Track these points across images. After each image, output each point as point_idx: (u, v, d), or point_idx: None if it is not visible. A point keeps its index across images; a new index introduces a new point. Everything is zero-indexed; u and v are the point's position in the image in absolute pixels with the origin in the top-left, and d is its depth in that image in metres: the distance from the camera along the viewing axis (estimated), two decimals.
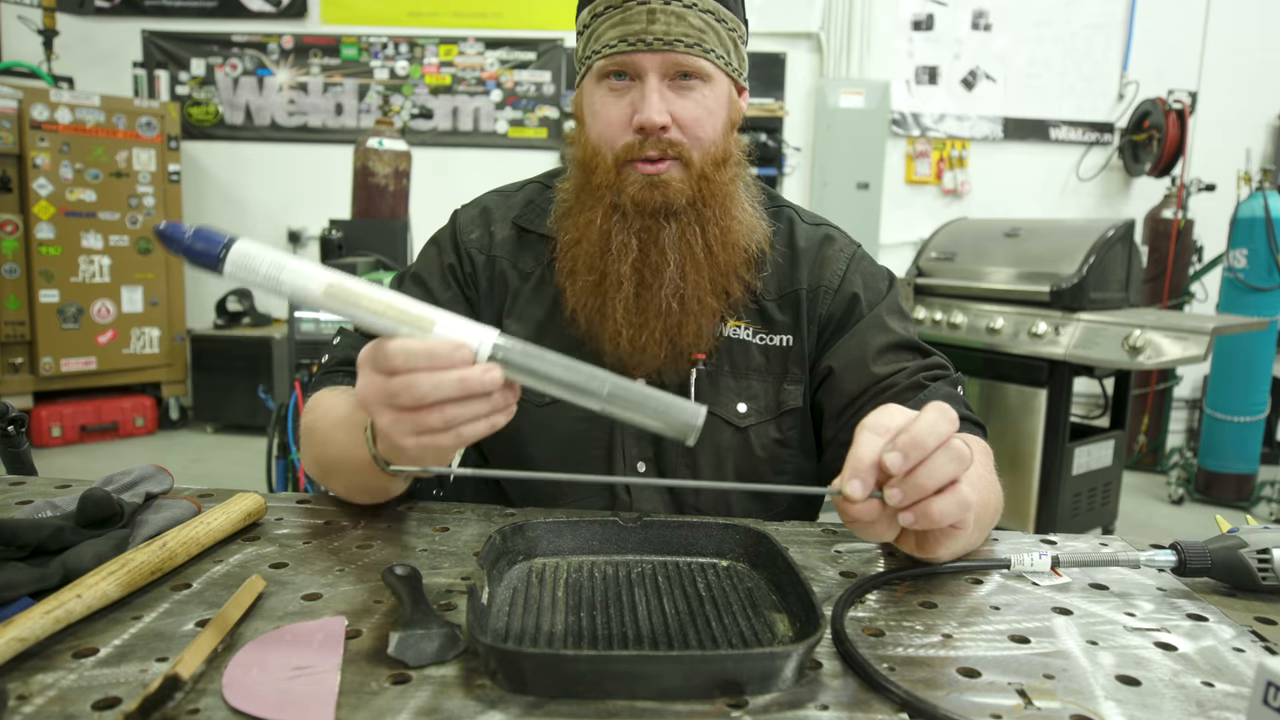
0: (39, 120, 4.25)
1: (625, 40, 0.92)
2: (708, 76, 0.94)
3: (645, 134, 0.93)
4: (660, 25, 0.91)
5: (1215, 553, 0.74)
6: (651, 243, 0.96)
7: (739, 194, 1.01)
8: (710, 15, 0.93)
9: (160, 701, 0.50)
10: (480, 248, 1.08)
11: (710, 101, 0.95)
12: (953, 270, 3.48)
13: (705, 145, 0.96)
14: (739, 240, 0.99)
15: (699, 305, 0.98)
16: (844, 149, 4.87)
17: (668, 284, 0.96)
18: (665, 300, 0.96)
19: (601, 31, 0.94)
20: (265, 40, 5.25)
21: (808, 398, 1.05)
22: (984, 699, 0.55)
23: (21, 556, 0.67)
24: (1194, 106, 5.06)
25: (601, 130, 0.96)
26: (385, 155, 3.86)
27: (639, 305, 0.97)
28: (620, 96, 0.95)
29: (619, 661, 0.55)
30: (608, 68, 0.94)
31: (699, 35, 0.92)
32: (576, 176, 1.01)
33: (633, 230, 0.96)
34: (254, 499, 0.84)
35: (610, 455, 1.03)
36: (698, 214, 0.97)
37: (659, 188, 0.94)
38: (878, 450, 0.64)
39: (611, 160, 0.96)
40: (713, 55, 0.94)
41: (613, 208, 0.97)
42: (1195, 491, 4.20)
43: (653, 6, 0.91)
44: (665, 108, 0.92)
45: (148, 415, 4.73)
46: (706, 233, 0.97)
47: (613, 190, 0.96)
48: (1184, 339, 2.70)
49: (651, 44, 0.91)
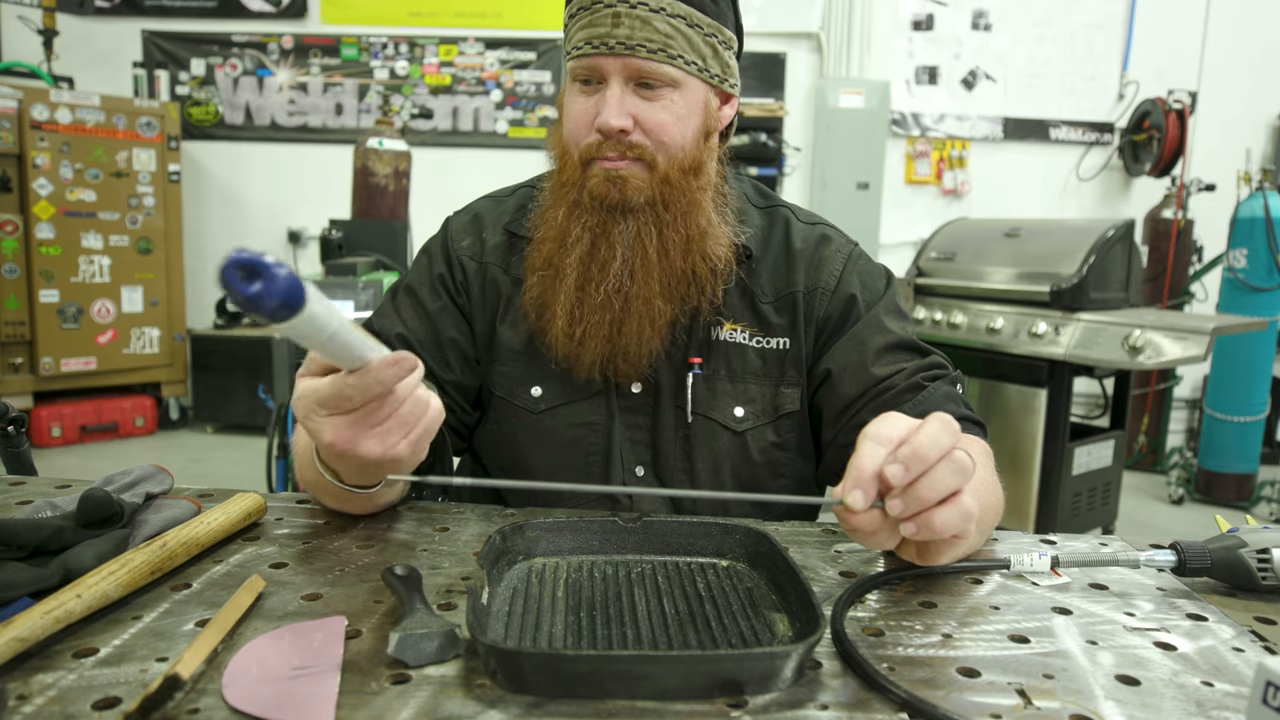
0: (39, 120, 4.26)
1: (590, 43, 0.93)
2: (675, 82, 0.94)
3: (605, 136, 0.94)
4: (624, 29, 0.91)
5: (1215, 553, 0.74)
6: (603, 237, 0.97)
7: (706, 203, 1.00)
8: (681, 20, 0.92)
9: (160, 701, 0.50)
10: (472, 255, 1.08)
11: (678, 108, 0.95)
12: (953, 270, 3.48)
13: (671, 150, 0.95)
14: (704, 249, 0.99)
15: (644, 305, 0.97)
16: (844, 149, 4.87)
17: (611, 279, 0.96)
18: (605, 295, 0.96)
19: (574, 33, 0.95)
20: (265, 40, 5.25)
21: (805, 400, 1.05)
22: (984, 699, 0.55)
23: (21, 556, 0.67)
24: (1194, 106, 5.06)
25: (569, 129, 0.98)
26: (385, 155, 3.87)
27: (580, 298, 0.97)
28: (588, 98, 0.96)
29: (619, 661, 0.55)
30: (576, 70, 0.96)
31: (664, 40, 0.92)
32: (552, 175, 1.03)
33: (588, 224, 0.97)
34: (254, 499, 0.84)
35: (608, 460, 1.03)
36: (656, 215, 0.97)
37: (617, 183, 0.95)
38: (879, 461, 0.63)
39: (577, 158, 0.97)
40: (680, 61, 0.93)
41: (574, 204, 0.98)
42: (1195, 491, 4.20)
43: (617, 10, 0.91)
44: (625, 111, 0.93)
45: (148, 415, 4.73)
46: (663, 235, 0.97)
47: (576, 187, 0.97)
48: (1184, 339, 2.70)
49: (614, 48, 0.91)
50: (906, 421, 0.67)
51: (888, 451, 0.64)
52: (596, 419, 1.03)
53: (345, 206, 4.10)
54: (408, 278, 1.10)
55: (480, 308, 1.07)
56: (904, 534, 0.64)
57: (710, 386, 1.02)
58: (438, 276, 1.07)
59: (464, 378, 1.06)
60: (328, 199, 4.91)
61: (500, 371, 1.06)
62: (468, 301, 1.07)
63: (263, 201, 5.33)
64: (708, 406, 1.02)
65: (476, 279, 1.07)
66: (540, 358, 1.04)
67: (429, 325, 1.05)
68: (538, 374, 1.04)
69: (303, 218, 5.25)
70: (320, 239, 3.61)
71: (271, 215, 5.31)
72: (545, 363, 1.03)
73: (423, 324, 1.05)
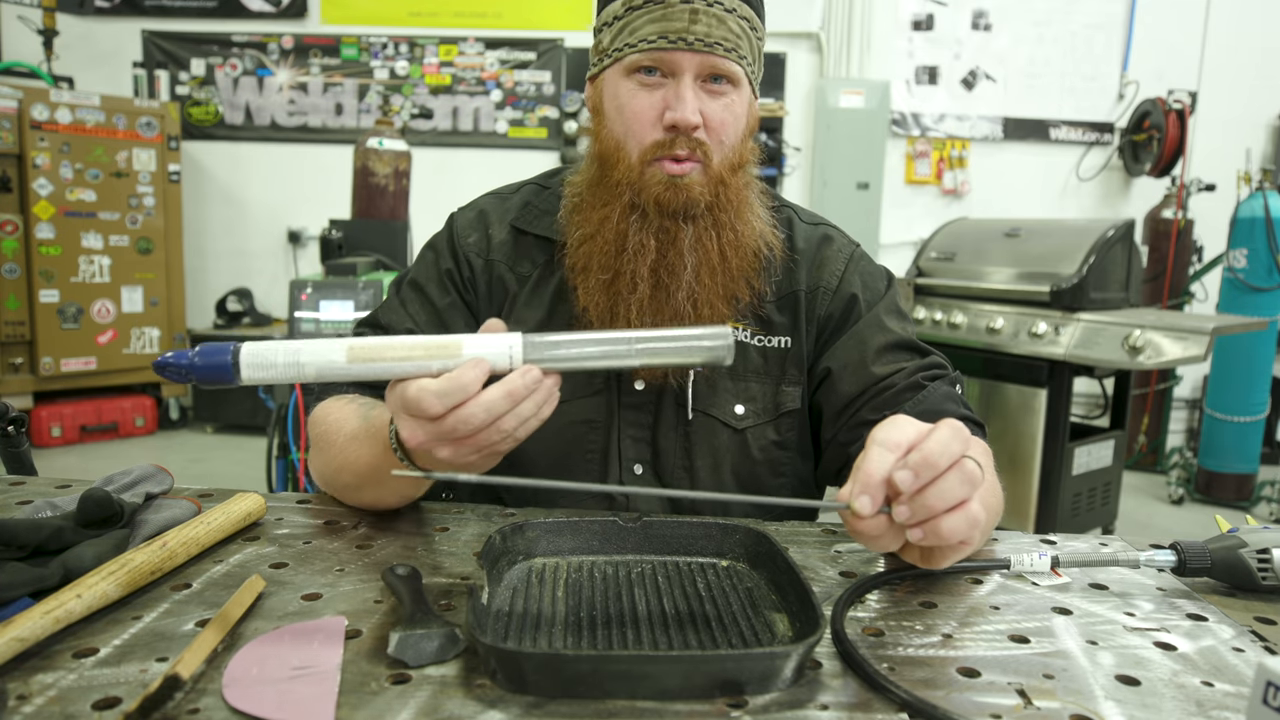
0: (39, 120, 4.25)
1: (665, 37, 0.91)
2: (737, 81, 0.94)
3: (677, 131, 0.92)
4: (702, 26, 0.90)
5: (1215, 553, 0.74)
6: (670, 244, 0.96)
7: (752, 199, 1.01)
8: (745, 22, 0.93)
9: (160, 701, 0.50)
10: (478, 251, 1.07)
11: (737, 106, 0.95)
12: (953, 270, 3.48)
13: (726, 149, 0.95)
14: (750, 245, 0.99)
15: (710, 310, 0.97)
16: (844, 149, 4.87)
17: (684, 287, 0.96)
18: (681, 304, 0.96)
19: (639, 25, 0.93)
20: (265, 40, 5.25)
21: (806, 399, 1.05)
22: (984, 699, 0.55)
23: (21, 556, 0.68)
24: (1194, 106, 5.06)
25: (629, 124, 0.95)
26: (385, 155, 3.86)
27: (654, 307, 0.96)
28: (651, 92, 0.94)
29: (619, 661, 0.55)
30: (641, 62, 0.93)
31: (736, 40, 0.92)
32: (592, 171, 1.00)
33: (651, 231, 0.95)
34: (254, 499, 0.84)
35: (606, 457, 1.03)
36: (714, 218, 0.96)
37: (681, 189, 0.93)
38: (888, 467, 0.63)
39: (636, 156, 0.95)
40: (745, 62, 0.94)
41: (631, 206, 0.96)
42: (1195, 491, 4.20)
43: (696, 6, 0.90)
44: (698, 107, 0.92)
45: (148, 415, 4.73)
46: (721, 237, 0.97)
47: (633, 188, 0.95)
48: (1184, 339, 2.70)
49: (692, 44, 0.91)
50: (916, 426, 0.66)
51: (896, 457, 0.63)
52: (597, 416, 1.03)
53: (345, 206, 4.10)
54: (413, 272, 1.09)
55: (487, 304, 1.07)
56: (910, 539, 0.64)
57: (711, 384, 1.02)
58: (445, 272, 1.07)
59: None
60: (328, 199, 4.91)
61: None
62: (475, 298, 1.07)
63: (263, 201, 5.33)
64: (708, 403, 1.02)
65: (483, 275, 1.07)
66: None
67: (438, 321, 1.05)
68: None
69: (303, 218, 5.25)
70: (320, 239, 3.61)
71: (271, 215, 5.30)
72: None
73: (431, 320, 1.05)
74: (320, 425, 0.95)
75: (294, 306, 2.92)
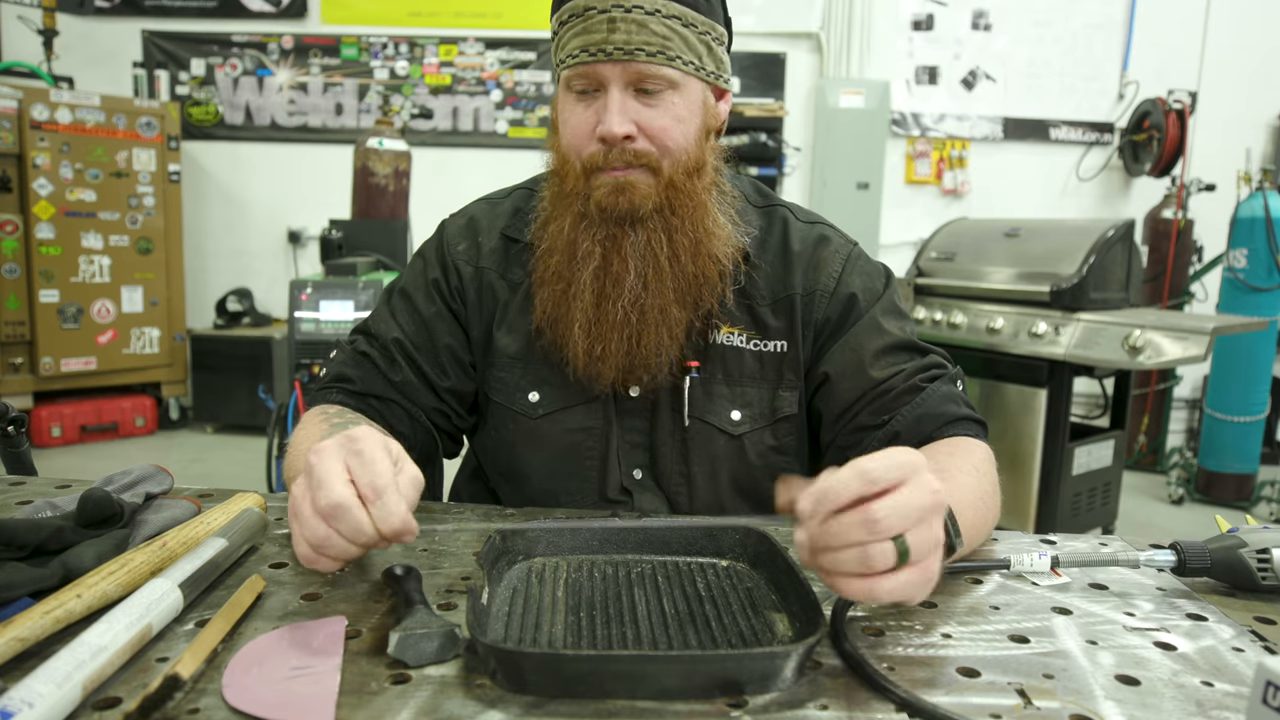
0: (39, 120, 4.25)
1: (586, 50, 0.90)
2: (675, 84, 0.92)
3: (608, 145, 0.92)
4: (621, 34, 0.89)
5: (1215, 552, 0.74)
6: (615, 250, 0.95)
7: (712, 204, 0.99)
8: (676, 20, 0.91)
9: (160, 701, 0.50)
10: (468, 259, 1.07)
11: (679, 109, 0.93)
12: (953, 270, 3.47)
13: (675, 153, 0.94)
14: (711, 250, 0.97)
15: (660, 315, 0.96)
16: (844, 149, 4.86)
17: (627, 294, 0.95)
18: (623, 311, 0.95)
19: (566, 40, 0.93)
20: (265, 40, 5.25)
21: (803, 404, 1.04)
22: (984, 699, 0.55)
23: (21, 556, 0.68)
24: (1194, 106, 5.06)
25: (569, 139, 0.95)
26: (385, 155, 3.86)
27: (598, 315, 0.96)
28: (587, 106, 0.94)
29: (619, 661, 0.55)
30: (571, 78, 0.93)
31: (662, 43, 0.90)
32: (552, 184, 1.01)
33: (598, 238, 0.95)
34: (254, 499, 0.84)
35: (605, 464, 1.03)
36: (665, 221, 0.95)
37: (624, 192, 0.93)
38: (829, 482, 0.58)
39: (580, 168, 0.95)
40: (679, 62, 0.92)
41: (580, 215, 0.96)
42: (1195, 491, 4.20)
43: (613, 15, 0.89)
44: (628, 118, 0.91)
45: (148, 415, 4.72)
46: (674, 241, 0.96)
47: (580, 197, 0.95)
48: (1184, 339, 2.70)
49: (612, 54, 0.89)
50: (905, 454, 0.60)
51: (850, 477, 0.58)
52: (594, 424, 1.02)
53: (345, 206, 4.10)
54: (402, 280, 1.09)
55: (476, 313, 1.06)
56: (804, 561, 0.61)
57: (707, 390, 1.02)
58: (433, 282, 1.06)
59: (459, 383, 1.06)
60: (328, 199, 4.90)
61: (497, 377, 1.05)
62: (463, 307, 1.07)
63: (263, 201, 5.33)
64: (704, 410, 1.01)
65: (473, 284, 1.06)
66: (537, 363, 1.03)
67: (424, 331, 1.05)
68: (535, 379, 1.04)
69: (303, 218, 5.25)
70: (320, 239, 3.61)
71: (271, 215, 5.30)
72: (542, 368, 1.03)
73: (418, 329, 1.05)
74: (294, 436, 0.96)
75: (294, 306, 2.92)
